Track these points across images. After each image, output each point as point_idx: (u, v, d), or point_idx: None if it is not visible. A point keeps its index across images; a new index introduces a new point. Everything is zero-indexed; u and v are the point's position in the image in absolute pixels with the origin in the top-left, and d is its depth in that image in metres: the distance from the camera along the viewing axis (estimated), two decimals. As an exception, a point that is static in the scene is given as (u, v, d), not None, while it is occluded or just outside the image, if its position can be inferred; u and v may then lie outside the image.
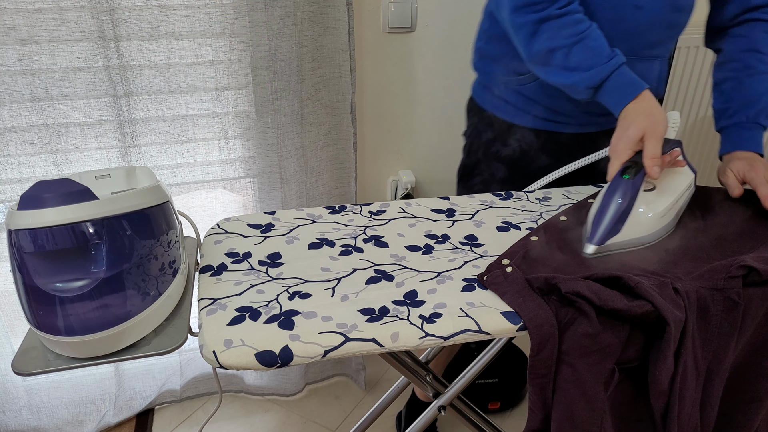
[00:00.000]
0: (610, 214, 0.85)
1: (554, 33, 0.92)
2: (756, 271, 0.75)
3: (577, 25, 0.92)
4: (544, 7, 0.92)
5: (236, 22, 1.32)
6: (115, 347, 0.68)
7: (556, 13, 0.92)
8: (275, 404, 1.70)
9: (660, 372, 0.72)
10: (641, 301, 0.71)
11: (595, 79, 0.92)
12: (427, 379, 1.00)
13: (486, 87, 1.20)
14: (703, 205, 0.99)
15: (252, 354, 0.66)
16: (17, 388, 1.51)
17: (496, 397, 1.64)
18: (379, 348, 0.69)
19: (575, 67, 0.92)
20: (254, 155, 1.47)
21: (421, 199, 1.04)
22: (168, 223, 0.74)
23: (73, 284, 0.63)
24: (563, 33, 0.92)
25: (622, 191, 0.85)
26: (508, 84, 1.14)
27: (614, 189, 0.86)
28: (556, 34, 0.92)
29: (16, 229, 0.61)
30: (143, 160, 1.40)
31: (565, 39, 0.91)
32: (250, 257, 0.87)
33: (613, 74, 0.91)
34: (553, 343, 0.71)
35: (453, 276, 0.82)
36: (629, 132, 0.87)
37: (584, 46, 0.91)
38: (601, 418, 0.73)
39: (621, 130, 0.89)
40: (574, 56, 0.92)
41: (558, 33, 0.92)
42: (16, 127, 1.28)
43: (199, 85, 1.37)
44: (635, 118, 0.89)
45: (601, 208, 0.86)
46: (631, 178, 0.85)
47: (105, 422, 1.59)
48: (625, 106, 0.91)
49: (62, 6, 1.20)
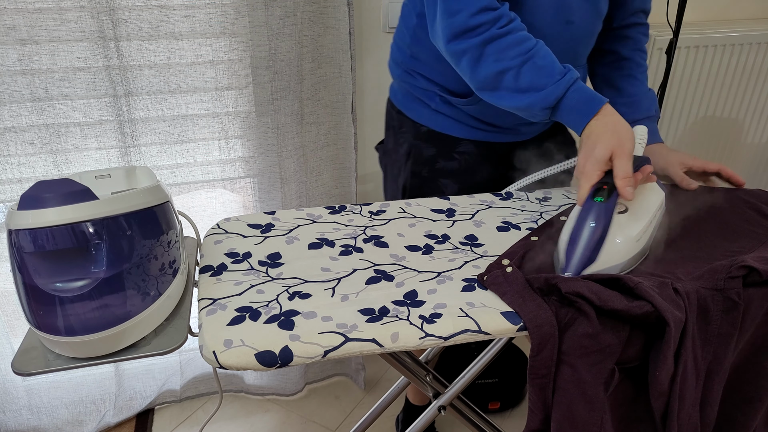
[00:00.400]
0: (584, 240, 0.78)
1: (500, 54, 0.85)
2: (756, 271, 0.75)
3: (523, 44, 0.86)
4: (486, 28, 0.85)
5: (236, 22, 1.32)
6: (115, 347, 0.68)
7: (498, 32, 0.86)
8: (275, 404, 1.70)
9: (660, 372, 0.72)
10: (641, 302, 0.71)
11: (551, 99, 0.85)
12: (427, 379, 1.00)
13: (416, 99, 1.13)
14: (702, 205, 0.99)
15: (252, 354, 0.66)
16: (17, 388, 1.51)
17: (496, 397, 1.64)
18: (379, 348, 0.69)
19: (527, 88, 0.86)
20: (254, 155, 1.47)
21: (421, 199, 1.04)
22: (168, 223, 0.74)
23: (73, 284, 0.63)
24: (510, 53, 0.85)
25: (595, 215, 0.79)
26: (443, 98, 1.08)
27: (587, 213, 0.80)
28: (503, 56, 0.85)
29: (17, 229, 0.61)
30: (143, 160, 1.40)
31: (512, 60, 0.85)
32: (250, 257, 0.87)
33: (569, 91, 0.85)
34: (553, 344, 0.71)
35: (453, 276, 0.82)
36: (596, 152, 0.81)
37: (533, 65, 0.85)
38: (601, 418, 0.73)
39: (587, 149, 0.83)
40: (524, 77, 0.85)
41: (504, 54, 0.85)
42: (16, 127, 1.28)
43: (199, 85, 1.37)
44: (600, 136, 0.82)
45: (574, 234, 0.79)
46: (604, 201, 0.79)
47: (105, 422, 1.59)
48: (587, 124, 0.85)
49: (62, 6, 1.20)
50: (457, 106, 1.08)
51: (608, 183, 0.81)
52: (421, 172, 1.15)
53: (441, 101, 1.09)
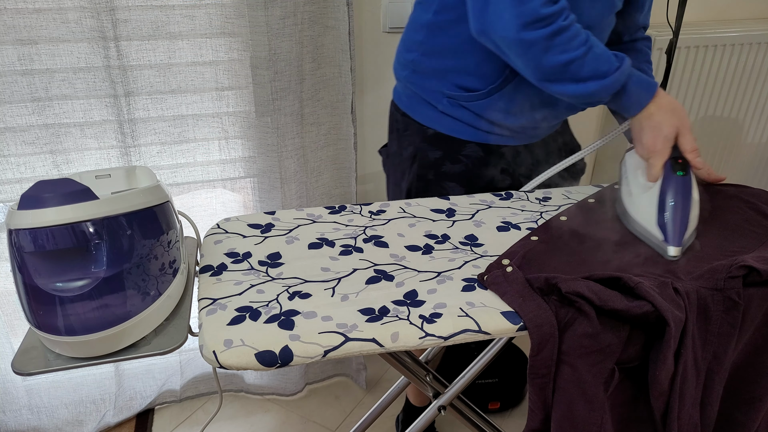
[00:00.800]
0: (680, 212, 0.87)
1: (566, 45, 0.90)
2: (756, 271, 0.75)
3: (581, 34, 0.91)
4: (554, 20, 0.89)
5: (236, 22, 1.32)
6: (115, 347, 0.68)
7: (564, 24, 0.90)
8: (275, 404, 1.70)
9: (660, 372, 0.72)
10: (641, 302, 0.71)
11: (616, 85, 0.91)
12: (427, 379, 1.00)
13: (422, 101, 1.12)
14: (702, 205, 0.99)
15: (252, 354, 0.66)
16: (17, 388, 1.51)
17: (496, 397, 1.64)
18: (379, 348, 0.69)
19: (590, 76, 0.91)
20: (254, 155, 1.47)
21: (421, 199, 1.04)
22: (168, 223, 0.74)
23: (73, 284, 0.63)
24: (574, 44, 0.90)
25: (682, 188, 0.88)
26: (452, 99, 1.08)
27: (674, 187, 0.89)
28: (569, 46, 0.90)
29: (17, 228, 0.61)
30: (143, 160, 1.40)
31: (576, 50, 0.90)
32: (250, 257, 0.87)
33: (632, 76, 0.92)
34: (553, 343, 0.71)
35: (453, 276, 0.82)
36: (665, 131, 0.90)
37: (594, 54, 0.90)
38: (601, 418, 0.73)
39: (653, 129, 0.91)
40: (587, 66, 0.90)
41: (570, 45, 0.90)
42: (16, 127, 1.28)
43: (199, 85, 1.37)
44: (664, 117, 0.91)
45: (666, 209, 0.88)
46: (684, 175, 0.89)
47: (105, 422, 1.59)
48: (646, 106, 0.92)
49: (62, 6, 1.20)
50: (466, 106, 1.08)
51: (678, 157, 0.91)
52: (426, 175, 1.15)
53: (449, 103, 1.09)
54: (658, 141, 0.90)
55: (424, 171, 1.14)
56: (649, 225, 0.88)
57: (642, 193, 0.92)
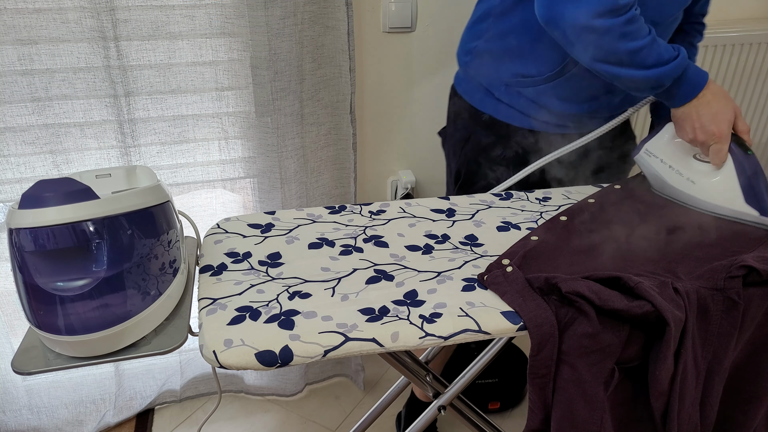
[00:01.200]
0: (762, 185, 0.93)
1: (637, 33, 0.94)
2: (756, 271, 0.75)
3: (645, 23, 0.95)
4: (627, 9, 0.93)
5: (236, 22, 1.32)
6: (115, 347, 0.68)
7: (635, 14, 0.94)
8: (275, 404, 1.70)
9: (660, 372, 0.72)
10: (641, 301, 0.71)
11: (678, 71, 0.95)
12: (427, 379, 1.00)
13: (481, 88, 1.18)
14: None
15: (252, 354, 0.66)
16: (17, 388, 1.51)
17: (496, 397, 1.64)
18: (379, 348, 0.69)
19: (655, 63, 0.94)
20: (254, 155, 1.47)
21: (421, 199, 1.04)
22: (168, 223, 0.74)
23: (73, 283, 0.63)
24: (642, 32, 0.94)
25: (756, 164, 0.94)
26: (509, 86, 1.13)
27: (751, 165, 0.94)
28: (638, 34, 0.94)
29: (17, 228, 0.61)
30: (143, 160, 1.40)
31: (644, 38, 0.94)
32: (250, 257, 0.87)
33: (689, 65, 0.96)
34: (553, 343, 0.71)
35: (453, 276, 0.82)
36: (728, 116, 0.96)
37: (657, 42, 0.95)
38: (601, 418, 0.73)
39: (714, 116, 0.95)
40: (653, 53, 0.94)
41: (639, 33, 0.94)
42: (16, 127, 1.28)
43: (199, 85, 1.37)
44: (722, 102, 0.96)
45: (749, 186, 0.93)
46: (752, 153, 0.95)
47: (105, 422, 1.59)
48: (701, 93, 0.96)
49: (62, 6, 1.20)
50: (522, 92, 1.12)
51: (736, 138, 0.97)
52: (477, 159, 1.20)
53: (506, 90, 1.13)
54: (723, 126, 0.95)
55: (474, 155, 1.19)
56: (736, 205, 0.93)
57: (710, 179, 0.96)
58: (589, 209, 0.99)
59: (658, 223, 0.94)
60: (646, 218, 0.96)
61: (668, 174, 1.01)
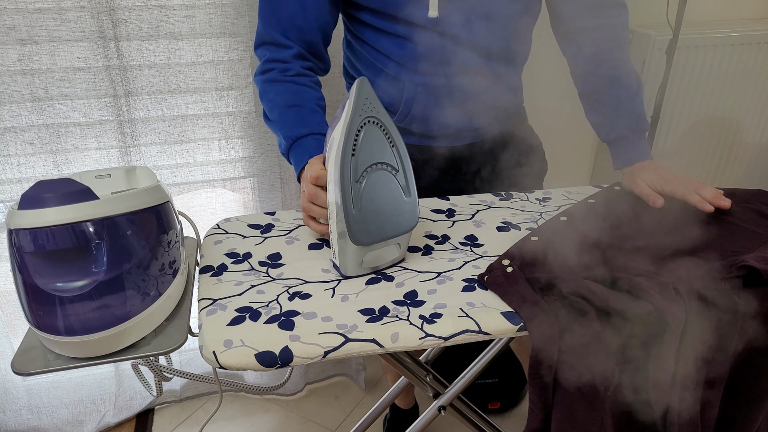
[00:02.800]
0: None
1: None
2: (756, 271, 0.75)
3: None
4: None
5: (236, 22, 1.32)
6: (115, 347, 0.68)
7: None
8: (275, 404, 1.70)
9: (660, 372, 0.72)
10: (641, 302, 0.71)
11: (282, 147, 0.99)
12: (427, 380, 1.00)
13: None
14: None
15: (252, 354, 0.66)
16: (17, 388, 1.51)
17: (496, 397, 1.64)
18: (379, 348, 0.69)
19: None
20: (254, 155, 1.47)
21: (421, 199, 1.04)
22: (168, 223, 0.74)
23: (73, 284, 0.63)
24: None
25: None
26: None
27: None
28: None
29: (17, 228, 0.61)
30: (143, 160, 1.40)
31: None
32: (251, 258, 0.87)
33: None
34: (553, 344, 0.71)
35: (453, 276, 0.82)
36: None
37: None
38: (601, 419, 0.73)
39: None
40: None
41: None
42: (16, 127, 1.28)
43: (199, 85, 1.37)
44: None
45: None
46: None
47: (105, 422, 1.59)
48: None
49: (62, 6, 1.20)
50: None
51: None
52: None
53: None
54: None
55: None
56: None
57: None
58: (589, 209, 0.99)
59: (658, 224, 0.94)
60: (646, 218, 0.96)
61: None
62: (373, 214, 0.77)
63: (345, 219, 0.75)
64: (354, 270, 0.81)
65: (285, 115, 0.96)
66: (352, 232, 0.75)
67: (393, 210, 0.79)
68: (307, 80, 0.99)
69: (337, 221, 0.76)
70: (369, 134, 0.76)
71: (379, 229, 0.78)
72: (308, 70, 1.00)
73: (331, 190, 0.77)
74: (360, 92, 0.75)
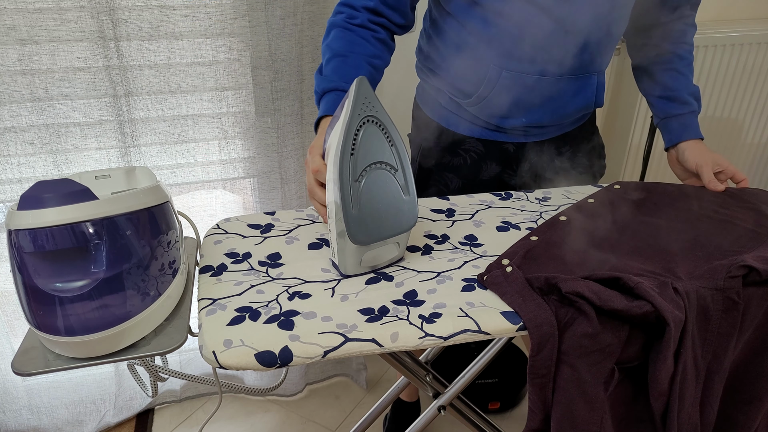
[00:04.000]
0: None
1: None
2: (756, 271, 0.75)
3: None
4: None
5: (236, 22, 1.32)
6: (115, 347, 0.68)
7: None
8: (275, 404, 1.70)
9: (660, 372, 0.72)
10: (641, 302, 0.71)
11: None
12: (427, 379, 1.00)
13: (432, 97, 1.16)
14: (702, 205, 0.99)
15: (252, 354, 0.66)
16: (17, 388, 1.51)
17: (496, 397, 1.64)
18: (379, 348, 0.69)
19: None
20: (254, 155, 1.47)
21: (421, 199, 1.04)
22: (168, 223, 0.74)
23: (73, 284, 0.63)
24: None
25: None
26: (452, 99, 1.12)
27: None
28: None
29: (16, 229, 0.61)
30: (143, 160, 1.40)
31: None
32: (250, 257, 0.87)
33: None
34: (553, 343, 0.71)
35: (453, 276, 0.82)
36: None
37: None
38: (601, 418, 0.73)
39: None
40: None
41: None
42: (16, 127, 1.28)
43: (199, 85, 1.37)
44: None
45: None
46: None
47: (105, 422, 1.59)
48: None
49: (62, 6, 1.20)
50: (462, 105, 1.11)
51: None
52: (427, 165, 1.19)
53: (450, 100, 1.13)
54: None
55: (426, 160, 1.19)
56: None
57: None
58: (589, 209, 0.99)
59: (657, 223, 0.94)
60: (646, 218, 0.96)
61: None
62: (372, 213, 0.77)
63: (344, 218, 0.75)
64: (353, 269, 0.81)
65: (330, 62, 0.95)
66: (351, 231, 0.75)
67: (392, 209, 0.79)
68: (368, 34, 0.96)
69: (336, 220, 0.76)
70: (368, 133, 0.76)
71: (378, 229, 0.78)
72: (376, 25, 0.98)
73: (330, 189, 0.77)
74: (359, 91, 0.75)
